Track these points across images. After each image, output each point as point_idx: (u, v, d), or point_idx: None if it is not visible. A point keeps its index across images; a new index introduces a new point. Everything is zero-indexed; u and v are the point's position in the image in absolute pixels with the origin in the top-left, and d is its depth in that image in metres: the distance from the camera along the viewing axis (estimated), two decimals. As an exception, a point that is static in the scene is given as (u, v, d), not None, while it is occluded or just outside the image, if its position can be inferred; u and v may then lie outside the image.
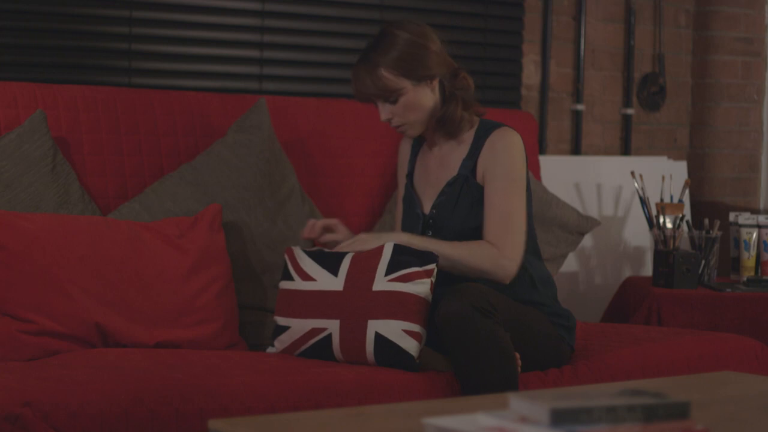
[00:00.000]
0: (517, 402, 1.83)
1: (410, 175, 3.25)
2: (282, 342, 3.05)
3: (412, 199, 3.21)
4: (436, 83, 3.10)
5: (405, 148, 3.29)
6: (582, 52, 4.75)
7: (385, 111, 3.10)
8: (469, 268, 3.01)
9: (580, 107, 4.76)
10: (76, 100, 3.38)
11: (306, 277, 3.04)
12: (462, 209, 3.09)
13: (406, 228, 3.20)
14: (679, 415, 1.82)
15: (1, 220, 3.01)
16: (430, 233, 3.13)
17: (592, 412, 1.77)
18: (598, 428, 1.76)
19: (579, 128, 4.76)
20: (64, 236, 3.04)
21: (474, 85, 3.16)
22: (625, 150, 4.88)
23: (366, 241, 3.04)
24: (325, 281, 3.01)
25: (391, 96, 3.07)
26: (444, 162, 3.16)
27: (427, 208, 3.17)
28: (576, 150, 4.76)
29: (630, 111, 4.88)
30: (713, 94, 5.04)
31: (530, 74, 4.65)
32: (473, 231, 3.08)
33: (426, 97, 3.09)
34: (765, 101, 5.15)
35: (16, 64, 3.64)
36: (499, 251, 3.02)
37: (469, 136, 3.13)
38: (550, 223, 3.95)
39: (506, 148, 3.07)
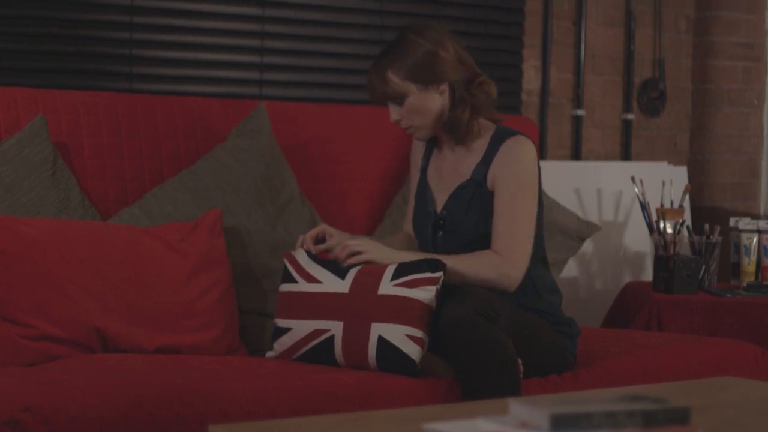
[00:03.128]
0: (517, 407, 1.83)
1: (424, 171, 3.25)
2: (282, 344, 3.05)
3: (425, 195, 3.22)
4: (445, 88, 3.11)
5: (418, 144, 3.31)
6: (582, 57, 4.75)
7: (394, 112, 3.14)
8: (475, 279, 3.01)
9: (580, 112, 4.76)
10: (77, 105, 3.38)
11: (311, 279, 3.04)
12: (474, 214, 3.09)
13: (417, 224, 3.21)
14: (679, 420, 1.82)
15: (2, 224, 3.02)
16: (441, 233, 3.14)
17: (592, 417, 1.77)
18: (598, 434, 1.77)
19: (579, 133, 4.76)
20: (64, 241, 3.04)
21: (496, 90, 3.17)
22: (626, 155, 4.88)
23: (374, 253, 3.04)
24: (332, 283, 3.02)
25: (397, 98, 3.10)
26: (458, 166, 3.16)
27: (439, 206, 3.18)
28: (576, 155, 4.76)
29: (630, 116, 4.88)
30: (713, 100, 5.04)
31: (530, 79, 4.65)
32: (484, 237, 3.08)
33: (432, 101, 3.10)
34: (765, 106, 5.15)
35: (17, 69, 3.64)
36: (504, 261, 3.03)
37: (483, 143, 3.13)
38: (551, 229, 3.95)
39: (518, 157, 3.08)
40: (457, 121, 3.11)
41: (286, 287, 3.08)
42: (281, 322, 3.06)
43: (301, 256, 3.09)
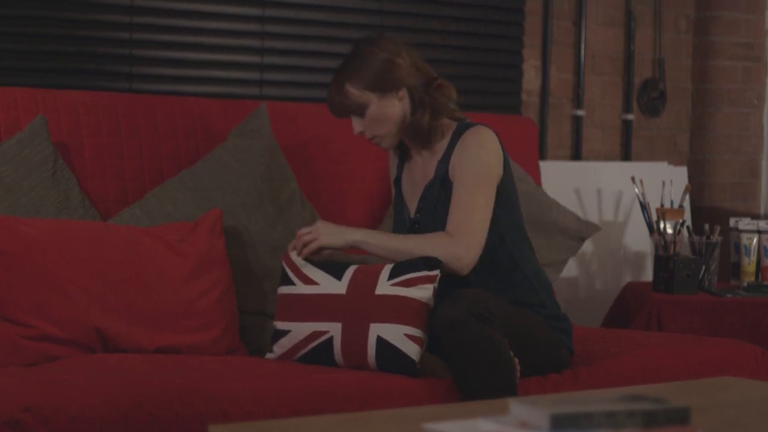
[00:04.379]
0: (517, 407, 1.83)
1: (398, 181, 3.27)
2: (281, 346, 3.05)
3: (400, 204, 3.24)
4: (404, 94, 3.13)
5: (393, 157, 3.32)
6: (582, 57, 4.75)
7: (357, 125, 3.16)
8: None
9: (580, 112, 4.76)
10: (77, 105, 3.38)
11: (308, 281, 3.05)
12: (443, 211, 3.10)
13: (397, 232, 3.22)
14: (679, 420, 1.82)
15: (2, 224, 3.02)
16: None
17: (592, 417, 1.77)
18: (598, 433, 1.77)
19: (579, 133, 4.76)
20: (64, 241, 3.04)
21: (456, 92, 3.18)
22: (626, 155, 4.88)
23: (324, 238, 3.06)
24: (329, 285, 3.02)
25: (358, 110, 3.12)
26: (425, 167, 3.19)
27: (412, 211, 3.19)
28: (576, 155, 4.76)
29: (630, 116, 4.88)
30: (713, 100, 5.04)
31: (530, 79, 4.65)
32: None
33: (392, 108, 3.12)
34: (765, 106, 5.15)
35: (17, 69, 3.65)
36: (455, 241, 3.02)
37: (446, 142, 3.15)
38: (551, 229, 3.95)
39: (475, 145, 3.09)
40: (418, 125, 3.13)
41: (284, 290, 3.08)
42: (280, 325, 3.06)
43: (297, 258, 3.10)
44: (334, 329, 2.98)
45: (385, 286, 2.96)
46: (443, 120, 3.15)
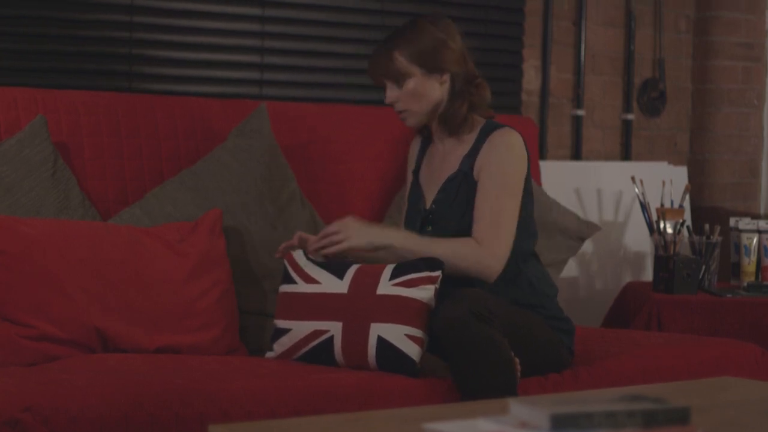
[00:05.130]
0: (517, 407, 1.83)
1: (417, 172, 3.26)
2: (282, 345, 3.05)
3: (417, 194, 3.24)
4: (446, 78, 3.14)
5: (415, 146, 3.33)
6: (582, 57, 4.75)
7: (392, 92, 3.14)
8: (453, 267, 3.01)
9: (580, 112, 4.76)
10: (77, 105, 3.38)
11: (310, 280, 3.05)
12: (460, 205, 3.10)
13: (409, 222, 3.22)
14: (679, 420, 1.82)
15: (2, 224, 3.02)
16: (430, 228, 3.15)
17: (592, 417, 1.77)
18: (598, 433, 1.77)
19: (579, 133, 4.76)
20: (64, 241, 3.04)
21: (490, 94, 3.19)
22: (626, 155, 4.88)
23: (355, 239, 3.04)
24: (330, 284, 3.02)
25: (399, 78, 3.12)
26: (446, 158, 3.18)
27: (428, 203, 3.19)
28: (576, 155, 4.76)
29: (630, 116, 4.88)
30: (713, 100, 5.04)
31: (530, 79, 4.65)
32: (471, 228, 3.09)
33: (432, 89, 3.13)
34: (765, 106, 5.15)
35: (17, 69, 3.64)
36: (484, 250, 3.03)
37: (472, 135, 3.15)
38: (551, 229, 3.95)
39: (504, 149, 3.09)
40: (456, 114, 3.13)
41: (285, 288, 3.09)
42: (281, 323, 3.06)
43: (300, 257, 3.10)
44: (334, 328, 2.98)
45: (386, 286, 2.96)
46: (475, 115, 3.16)
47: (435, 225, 3.14)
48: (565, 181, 4.50)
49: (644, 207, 4.33)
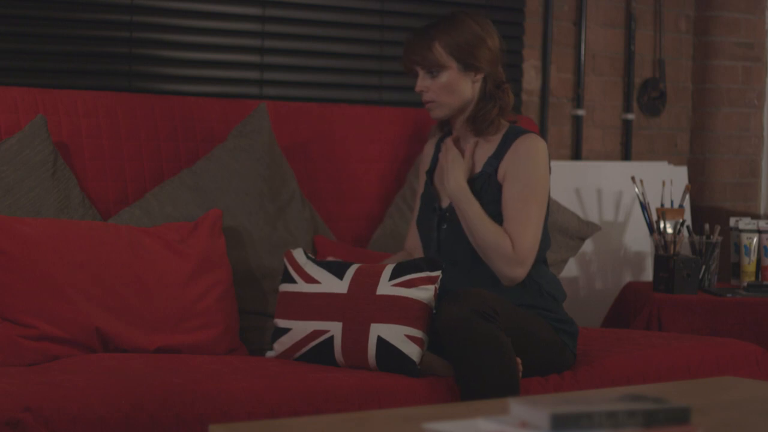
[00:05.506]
0: (517, 407, 1.83)
1: (431, 172, 3.26)
2: (282, 344, 3.05)
3: (430, 194, 3.24)
4: (479, 78, 3.16)
5: (429, 147, 3.34)
6: (582, 58, 4.75)
7: (423, 81, 3.16)
8: (485, 254, 3.05)
9: (580, 112, 4.76)
10: (77, 105, 3.38)
11: (310, 279, 3.05)
12: (482, 206, 3.10)
13: (423, 221, 3.23)
14: (679, 420, 1.82)
15: (2, 225, 3.02)
16: (445, 226, 3.15)
17: (592, 417, 1.77)
18: (598, 433, 1.77)
19: (579, 133, 4.76)
20: (64, 241, 3.04)
21: (513, 101, 3.23)
22: (626, 155, 4.88)
23: (452, 170, 3.12)
24: (330, 284, 3.02)
25: (435, 69, 3.13)
26: (468, 156, 3.17)
27: (445, 202, 3.19)
28: (576, 155, 4.76)
29: (630, 116, 4.88)
30: (714, 100, 5.04)
31: (531, 79, 4.65)
32: None
33: (465, 85, 3.15)
34: (765, 106, 5.15)
35: (17, 69, 3.64)
36: (516, 255, 3.04)
37: (497, 137, 3.17)
38: (551, 228, 3.94)
39: (530, 155, 3.11)
40: (486, 116, 3.15)
41: (285, 287, 3.09)
42: (281, 323, 3.06)
43: (300, 256, 3.10)
44: (334, 328, 2.98)
45: (386, 287, 2.96)
46: (501, 118, 3.19)
47: (451, 223, 3.15)
48: (565, 181, 4.50)
49: (644, 207, 4.33)
